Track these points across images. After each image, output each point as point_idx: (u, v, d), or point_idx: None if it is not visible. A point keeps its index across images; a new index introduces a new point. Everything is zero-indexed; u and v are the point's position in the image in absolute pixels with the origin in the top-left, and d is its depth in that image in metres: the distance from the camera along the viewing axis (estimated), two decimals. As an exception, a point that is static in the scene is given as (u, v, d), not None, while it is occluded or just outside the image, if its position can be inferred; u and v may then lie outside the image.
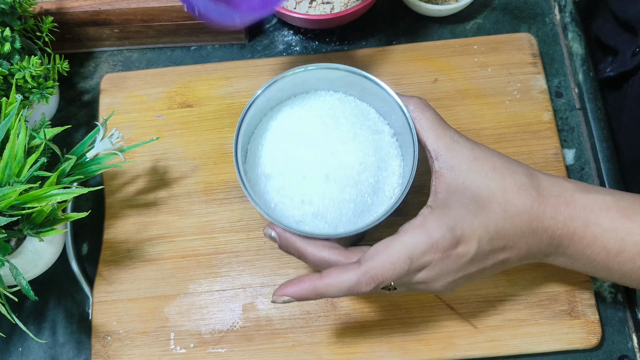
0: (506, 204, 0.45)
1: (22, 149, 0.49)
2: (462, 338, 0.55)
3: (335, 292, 0.45)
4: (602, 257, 0.46)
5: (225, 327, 0.57)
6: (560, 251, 0.47)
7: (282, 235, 0.48)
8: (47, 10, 0.62)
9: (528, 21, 0.68)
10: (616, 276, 0.47)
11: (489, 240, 0.44)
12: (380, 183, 0.51)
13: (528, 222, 0.45)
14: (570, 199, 0.46)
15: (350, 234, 0.47)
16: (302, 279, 0.45)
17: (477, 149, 0.47)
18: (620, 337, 0.56)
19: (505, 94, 0.63)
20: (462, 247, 0.44)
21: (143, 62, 0.69)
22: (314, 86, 0.54)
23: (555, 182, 0.47)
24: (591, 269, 0.48)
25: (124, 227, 0.61)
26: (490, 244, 0.45)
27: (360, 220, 0.50)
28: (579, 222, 0.45)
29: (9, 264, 0.49)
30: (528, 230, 0.45)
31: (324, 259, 0.47)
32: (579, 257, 0.47)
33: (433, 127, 0.48)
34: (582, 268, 0.48)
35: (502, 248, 0.45)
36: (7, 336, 0.58)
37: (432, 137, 0.48)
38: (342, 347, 0.56)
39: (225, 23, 0.48)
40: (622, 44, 0.64)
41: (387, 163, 0.52)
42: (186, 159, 0.63)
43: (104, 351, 0.56)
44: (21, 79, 0.56)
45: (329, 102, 0.54)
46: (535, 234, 0.45)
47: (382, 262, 0.44)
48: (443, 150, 0.47)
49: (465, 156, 0.46)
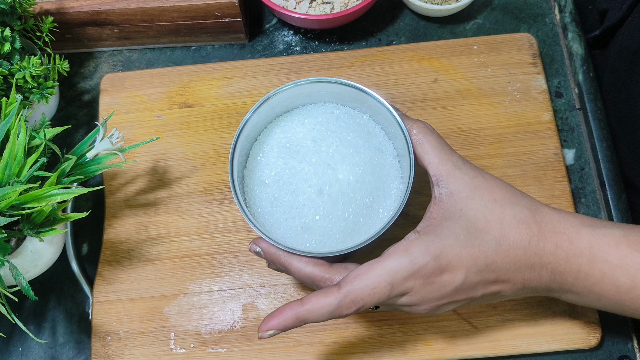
0: (501, 238, 0.44)
1: (22, 149, 0.49)
2: (462, 338, 0.55)
3: (317, 317, 0.44)
4: (613, 294, 0.44)
5: (225, 327, 0.57)
6: (566, 288, 0.45)
7: (267, 250, 0.48)
8: (47, 10, 0.62)
9: (528, 21, 0.68)
10: (629, 311, 0.45)
11: (478, 271, 0.44)
12: (375, 204, 0.50)
13: (524, 258, 0.44)
14: (575, 236, 0.44)
15: (334, 254, 0.47)
16: (283, 309, 0.45)
17: (480, 177, 0.46)
18: (620, 337, 0.56)
19: (505, 94, 0.63)
20: (447, 275, 0.43)
21: (143, 62, 0.69)
22: (322, 98, 0.54)
23: (561, 217, 0.45)
24: (601, 305, 0.46)
25: (124, 227, 0.61)
26: (480, 275, 0.44)
27: (349, 239, 0.49)
28: (584, 259, 0.44)
29: (9, 264, 0.49)
30: (524, 265, 0.44)
31: (308, 274, 0.47)
32: (587, 294, 0.45)
33: (435, 152, 0.47)
34: (592, 304, 0.47)
35: (494, 281, 0.44)
36: (7, 336, 0.58)
37: (434, 162, 0.47)
38: (342, 347, 0.56)
39: None
40: (610, 3, 0.64)
41: (385, 184, 0.51)
42: (186, 159, 0.63)
43: (104, 351, 0.57)
44: (21, 79, 0.56)
45: (334, 115, 0.54)
46: (533, 269, 0.44)
47: (363, 286, 0.43)
48: (444, 176, 0.46)
49: (467, 183, 0.45)
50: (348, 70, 0.65)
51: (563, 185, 0.60)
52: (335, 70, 0.65)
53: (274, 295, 0.58)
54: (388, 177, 0.51)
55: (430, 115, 0.63)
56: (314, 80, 0.51)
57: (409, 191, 0.47)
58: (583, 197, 0.61)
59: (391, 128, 0.51)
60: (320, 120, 0.53)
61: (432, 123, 0.63)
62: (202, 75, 0.66)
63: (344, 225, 0.49)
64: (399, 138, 0.50)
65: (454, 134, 0.62)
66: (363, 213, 0.50)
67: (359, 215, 0.49)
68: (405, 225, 0.59)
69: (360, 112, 0.54)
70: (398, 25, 0.69)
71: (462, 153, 0.61)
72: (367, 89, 0.50)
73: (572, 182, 0.61)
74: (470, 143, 0.62)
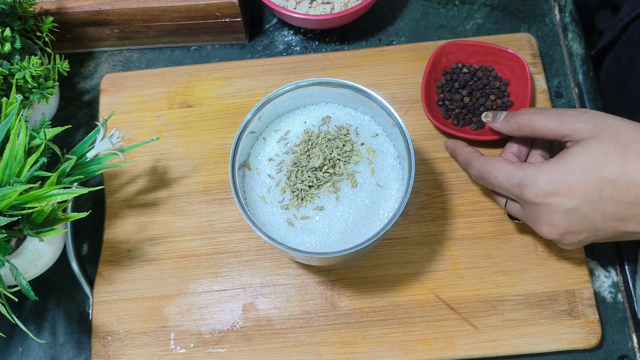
0: (622, 173, 0.45)
1: (23, 149, 0.49)
2: (462, 338, 0.55)
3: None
4: None
5: (225, 327, 0.57)
6: None
7: (461, 150, 0.57)
8: (47, 10, 0.62)
9: (528, 21, 0.68)
10: None
11: (593, 200, 0.46)
12: (375, 205, 0.50)
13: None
14: None
15: (334, 254, 0.47)
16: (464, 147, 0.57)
17: (601, 123, 0.47)
18: (620, 337, 0.56)
19: (505, 94, 0.63)
20: (559, 199, 0.47)
21: (143, 62, 0.69)
22: (324, 99, 0.54)
23: None
24: None
25: (124, 227, 0.61)
26: (596, 204, 0.46)
27: (349, 240, 0.49)
28: None
29: (9, 264, 0.49)
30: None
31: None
32: None
33: (550, 118, 0.49)
34: None
35: (616, 215, 0.46)
36: (7, 336, 0.58)
37: (554, 126, 0.49)
38: (342, 347, 0.56)
39: None
40: (605, 23, 0.65)
41: (386, 185, 0.51)
42: (186, 159, 0.63)
43: (104, 351, 0.57)
44: (21, 79, 0.56)
45: (336, 116, 0.54)
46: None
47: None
48: (564, 135, 0.49)
49: (589, 131, 0.47)
50: (348, 70, 0.65)
51: (563, 185, 0.60)
52: (335, 70, 0.65)
53: (274, 295, 0.58)
54: (388, 178, 0.51)
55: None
56: (316, 82, 0.51)
57: (409, 193, 0.47)
58: (583, 197, 0.61)
59: (392, 130, 0.51)
60: (321, 119, 0.53)
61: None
62: (202, 75, 0.66)
63: (343, 226, 0.49)
64: (399, 139, 0.50)
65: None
66: (363, 214, 0.50)
67: (359, 216, 0.49)
68: (406, 225, 0.59)
69: (361, 113, 0.54)
70: (398, 25, 0.69)
71: (462, 153, 0.61)
72: (369, 90, 0.50)
73: (572, 182, 0.61)
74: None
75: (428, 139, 0.62)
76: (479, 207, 0.59)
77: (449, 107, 0.62)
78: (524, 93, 0.60)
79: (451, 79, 0.62)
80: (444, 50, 0.62)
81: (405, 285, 0.57)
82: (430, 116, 0.60)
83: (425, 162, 0.61)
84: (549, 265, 0.57)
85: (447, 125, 0.61)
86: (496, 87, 0.62)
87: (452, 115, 0.62)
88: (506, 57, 0.61)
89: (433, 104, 0.62)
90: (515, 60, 0.61)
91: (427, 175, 0.61)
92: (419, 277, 0.57)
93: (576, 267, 0.57)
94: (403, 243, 0.58)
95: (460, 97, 0.61)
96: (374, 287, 0.57)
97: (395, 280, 0.57)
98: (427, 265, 0.58)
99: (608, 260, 0.58)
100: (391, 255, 0.58)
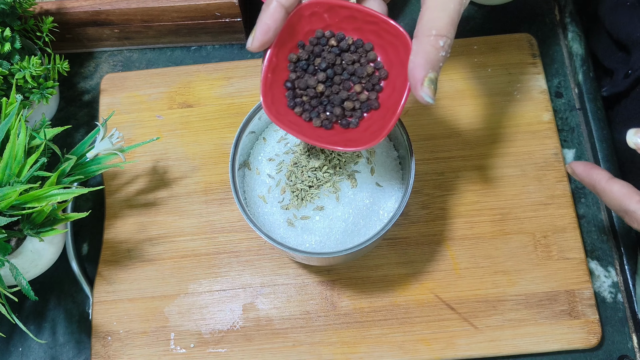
0: None
1: (23, 149, 0.49)
2: (462, 338, 0.55)
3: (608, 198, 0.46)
4: None
5: (225, 327, 0.57)
6: None
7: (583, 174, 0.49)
8: (47, 10, 0.62)
9: (528, 21, 0.68)
10: None
11: None
12: (375, 205, 0.50)
13: None
14: None
15: (334, 254, 0.47)
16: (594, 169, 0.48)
17: None
18: (620, 337, 0.56)
19: (505, 94, 0.63)
20: None
21: (143, 62, 0.69)
22: None
23: None
24: None
25: (124, 227, 0.61)
26: None
27: (349, 240, 0.49)
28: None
29: (9, 264, 0.49)
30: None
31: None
32: None
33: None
34: None
35: None
36: (7, 336, 0.58)
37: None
38: (342, 347, 0.56)
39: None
40: (616, 64, 0.64)
41: (386, 185, 0.51)
42: (186, 159, 0.63)
43: (104, 351, 0.57)
44: (21, 79, 0.56)
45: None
46: None
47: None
48: None
49: None
50: (348, 70, 0.65)
51: (563, 185, 0.60)
52: (335, 70, 0.65)
53: (274, 295, 0.58)
54: (389, 178, 0.51)
55: (430, 116, 0.63)
56: None
57: (409, 193, 0.47)
58: (583, 197, 0.61)
59: (393, 130, 0.51)
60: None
61: (433, 123, 0.63)
62: (202, 75, 0.66)
63: (343, 226, 0.49)
64: (400, 139, 0.50)
65: (453, 134, 0.62)
66: (363, 214, 0.50)
67: (359, 217, 0.49)
68: (406, 226, 0.59)
69: None
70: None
71: (462, 153, 0.61)
72: None
73: (572, 182, 0.61)
74: (470, 143, 0.62)
75: (428, 139, 0.62)
76: (479, 207, 0.59)
77: (297, 93, 0.45)
78: (400, 88, 0.43)
79: (312, 53, 0.45)
80: (305, 9, 0.43)
81: (405, 285, 0.57)
82: (269, 102, 0.44)
83: (426, 162, 0.61)
84: (548, 265, 0.57)
85: (283, 115, 0.44)
86: (365, 76, 0.45)
87: (297, 104, 0.45)
88: (390, 31, 0.43)
89: (279, 83, 0.45)
90: (399, 38, 0.43)
91: (427, 175, 0.61)
92: (419, 277, 0.57)
93: (576, 267, 0.57)
94: (403, 243, 0.58)
95: (315, 82, 0.45)
96: (374, 287, 0.57)
97: (395, 280, 0.57)
98: (427, 265, 0.58)
99: (608, 260, 0.59)
100: (391, 255, 0.58)
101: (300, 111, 0.45)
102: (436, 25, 0.40)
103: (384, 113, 0.44)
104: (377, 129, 0.44)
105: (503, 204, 0.59)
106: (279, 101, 0.45)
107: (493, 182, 0.60)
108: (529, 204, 0.59)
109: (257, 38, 0.42)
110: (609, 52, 0.65)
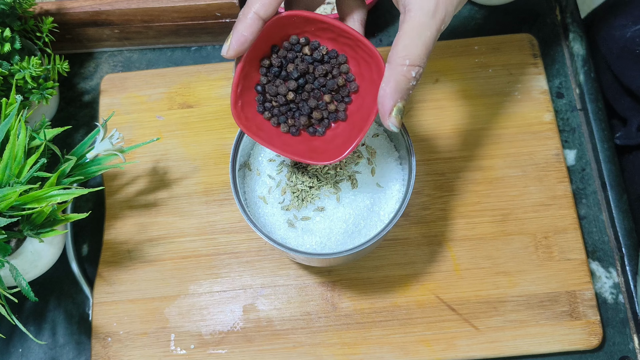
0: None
1: (22, 150, 0.49)
2: (462, 339, 0.55)
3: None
4: None
5: (225, 328, 0.57)
6: None
7: None
8: (47, 10, 0.62)
9: (529, 21, 0.68)
10: None
11: None
12: (376, 206, 0.50)
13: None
14: None
15: (334, 255, 0.47)
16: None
17: None
18: (621, 338, 0.56)
19: (506, 95, 0.63)
20: None
21: (143, 63, 0.69)
22: None
23: None
24: None
25: (124, 228, 0.60)
26: None
27: (349, 241, 0.49)
28: None
29: (9, 264, 0.49)
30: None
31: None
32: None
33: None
34: None
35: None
36: (7, 337, 0.58)
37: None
38: (343, 348, 0.56)
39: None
40: (628, 112, 0.63)
41: (387, 186, 0.51)
42: (186, 160, 0.63)
43: (104, 352, 0.56)
44: (21, 79, 0.56)
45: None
46: None
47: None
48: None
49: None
50: (348, 70, 0.65)
51: (564, 185, 0.60)
52: (335, 71, 0.65)
53: (274, 296, 0.58)
54: (389, 179, 0.51)
55: (431, 116, 0.63)
56: None
57: (409, 193, 0.47)
58: (584, 197, 0.61)
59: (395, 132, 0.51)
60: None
61: (433, 123, 0.63)
62: (202, 76, 0.66)
63: (344, 227, 0.49)
64: (400, 140, 0.50)
65: (454, 134, 0.62)
66: (364, 215, 0.49)
67: (360, 217, 0.49)
68: (406, 226, 0.59)
69: None
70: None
71: (463, 153, 0.61)
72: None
73: (573, 183, 0.61)
74: (470, 144, 0.62)
75: (429, 139, 0.62)
76: (480, 208, 0.59)
77: (267, 98, 0.46)
78: (369, 105, 0.44)
79: (285, 59, 0.45)
80: (283, 20, 0.43)
81: (406, 286, 0.57)
82: (238, 109, 0.45)
83: (426, 163, 0.61)
84: (550, 266, 0.57)
85: (251, 120, 0.45)
86: (335, 89, 0.45)
87: (266, 109, 0.46)
88: (364, 50, 0.44)
89: (251, 86, 0.45)
90: (373, 58, 0.43)
91: (427, 176, 0.61)
92: (420, 278, 0.57)
93: (577, 268, 0.57)
94: (404, 244, 0.58)
95: (286, 90, 0.45)
96: (374, 288, 0.57)
97: (396, 281, 0.57)
98: (428, 266, 0.58)
99: (609, 261, 0.58)
100: (392, 256, 0.58)
101: (269, 116, 0.46)
102: (410, 54, 0.41)
103: (351, 128, 0.46)
104: (341, 143, 0.45)
105: (504, 204, 0.59)
106: (248, 105, 0.46)
107: (494, 182, 0.60)
108: (530, 204, 0.59)
109: (232, 47, 0.42)
110: (620, 99, 0.65)
